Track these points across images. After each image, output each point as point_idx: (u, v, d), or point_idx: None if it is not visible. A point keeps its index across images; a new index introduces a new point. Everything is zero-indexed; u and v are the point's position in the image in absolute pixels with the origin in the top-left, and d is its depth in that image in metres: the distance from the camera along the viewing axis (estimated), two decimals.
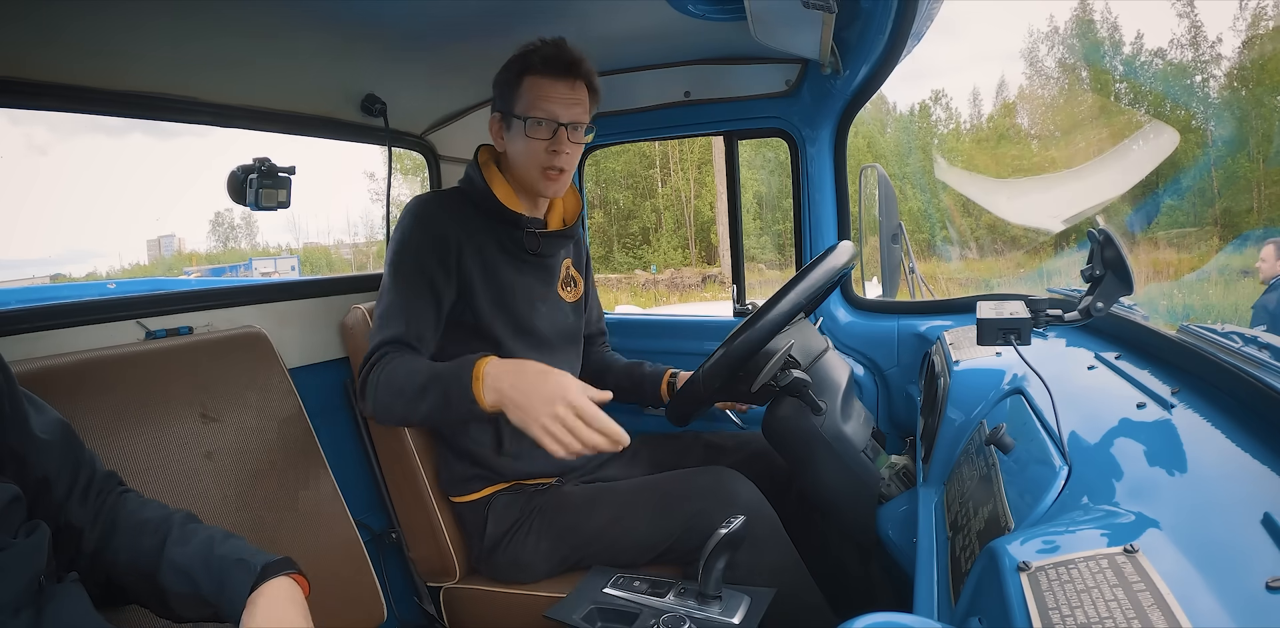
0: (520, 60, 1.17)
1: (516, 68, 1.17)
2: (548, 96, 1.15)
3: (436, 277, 1.15)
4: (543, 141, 1.17)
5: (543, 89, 1.15)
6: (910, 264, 1.76)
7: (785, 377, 1.07)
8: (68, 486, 0.75)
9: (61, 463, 0.75)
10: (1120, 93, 22.42)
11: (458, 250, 1.17)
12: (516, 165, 1.21)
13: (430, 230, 1.16)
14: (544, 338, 1.28)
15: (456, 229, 1.18)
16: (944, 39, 39.54)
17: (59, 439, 0.75)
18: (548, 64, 1.15)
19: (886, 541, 1.03)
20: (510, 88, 1.18)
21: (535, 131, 1.16)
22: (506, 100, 1.19)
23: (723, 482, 1.17)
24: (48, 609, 0.65)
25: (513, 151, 1.21)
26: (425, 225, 1.17)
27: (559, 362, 1.26)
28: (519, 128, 1.17)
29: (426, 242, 1.16)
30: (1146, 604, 0.38)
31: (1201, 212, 17.99)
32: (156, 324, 1.20)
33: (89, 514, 0.76)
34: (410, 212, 1.20)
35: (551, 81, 1.16)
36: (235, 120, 1.33)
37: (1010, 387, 0.92)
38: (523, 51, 1.17)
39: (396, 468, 1.35)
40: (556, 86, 1.16)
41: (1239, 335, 0.76)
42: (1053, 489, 0.60)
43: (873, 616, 0.45)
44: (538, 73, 1.16)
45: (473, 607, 1.31)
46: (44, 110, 1.07)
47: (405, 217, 1.19)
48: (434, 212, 1.19)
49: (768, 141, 1.98)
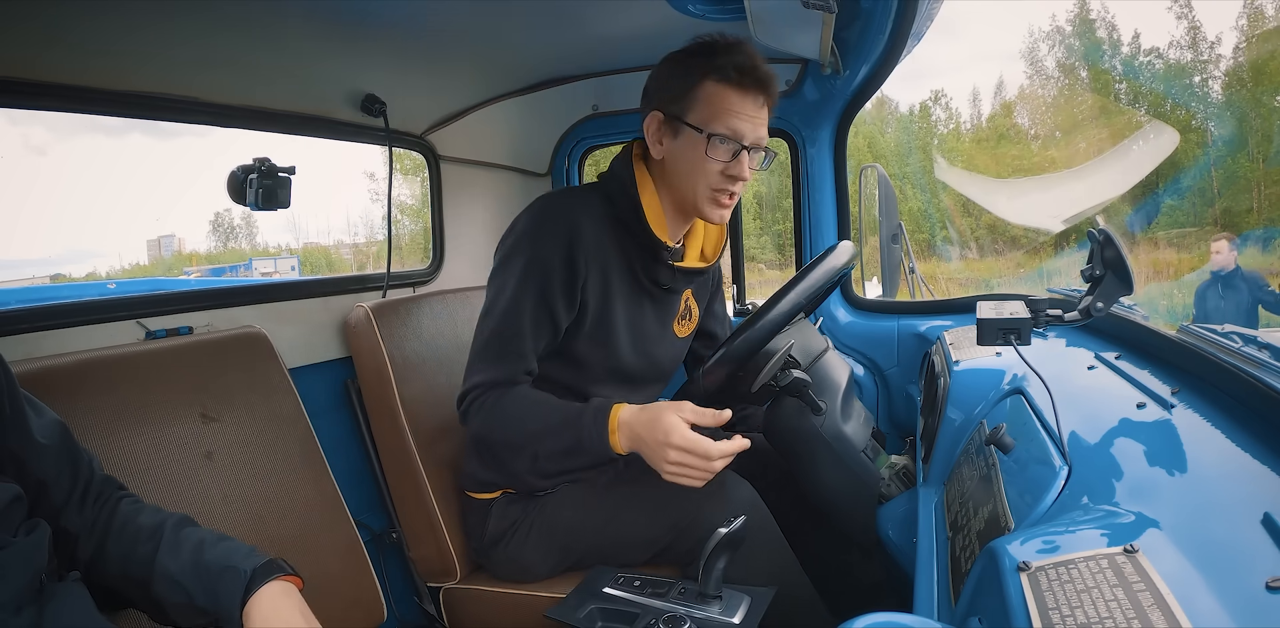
0: (704, 60, 1.02)
1: (698, 69, 1.03)
2: (736, 113, 1.02)
3: (559, 307, 1.06)
4: (721, 163, 1.03)
5: (730, 103, 1.02)
6: (910, 264, 1.77)
7: (785, 377, 1.07)
8: (66, 491, 0.75)
9: (59, 468, 0.75)
10: (1120, 93, 22.43)
11: (585, 276, 1.06)
12: (680, 180, 1.08)
13: (563, 249, 1.04)
14: (635, 377, 1.19)
15: (589, 247, 1.05)
16: (944, 39, 39.60)
17: (57, 443, 0.75)
18: (742, 75, 1.01)
19: (886, 541, 1.03)
20: (684, 89, 1.04)
21: (716, 151, 1.03)
22: (677, 103, 1.04)
23: (720, 482, 1.17)
24: (49, 608, 0.65)
25: (678, 164, 1.07)
26: (559, 241, 1.04)
27: (642, 397, 1.21)
28: (693, 140, 1.04)
29: (558, 263, 1.04)
30: (1146, 604, 0.38)
31: (1201, 212, 18.00)
32: (156, 324, 1.20)
33: (85, 522, 0.76)
34: (542, 219, 1.07)
35: (741, 96, 1.02)
36: (235, 120, 1.33)
37: (1010, 387, 0.92)
38: (706, 50, 1.03)
39: (397, 468, 1.35)
40: (745, 103, 1.02)
41: (1239, 335, 0.76)
42: (1053, 489, 0.60)
43: (873, 616, 0.45)
44: (728, 82, 1.02)
45: (473, 607, 1.31)
46: (44, 110, 1.07)
47: (537, 223, 1.07)
48: (570, 224, 1.05)
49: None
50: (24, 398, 0.74)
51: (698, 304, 1.29)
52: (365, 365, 1.35)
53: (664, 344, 1.22)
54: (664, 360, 1.23)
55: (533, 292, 1.04)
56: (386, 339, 1.32)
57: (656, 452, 0.97)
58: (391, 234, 1.71)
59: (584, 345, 1.12)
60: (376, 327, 1.32)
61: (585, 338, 1.11)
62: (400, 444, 1.32)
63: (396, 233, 13.15)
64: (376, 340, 1.32)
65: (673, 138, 1.07)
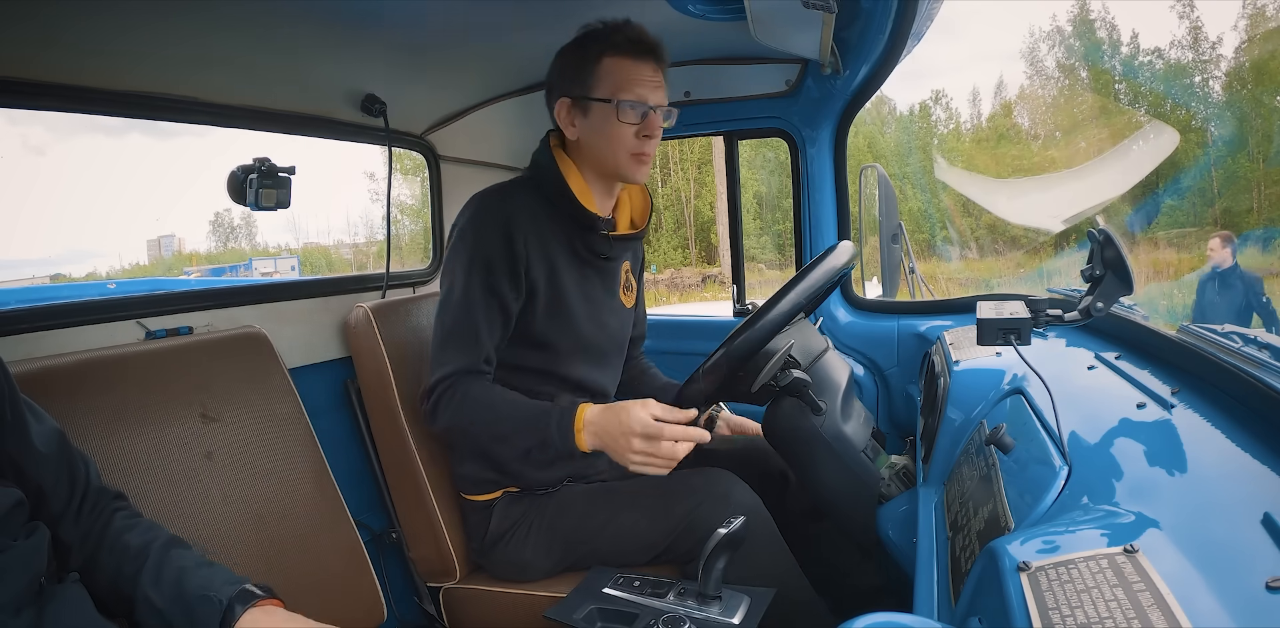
0: (596, 41, 1.11)
1: (593, 48, 1.11)
2: (637, 79, 1.11)
3: (507, 293, 1.12)
4: (633, 126, 1.12)
5: (629, 71, 1.11)
6: (910, 264, 1.77)
7: (785, 377, 1.07)
8: (64, 501, 0.75)
9: (57, 476, 0.75)
10: (1120, 93, 22.43)
11: (526, 259, 1.13)
12: (599, 152, 1.16)
13: (500, 238, 1.11)
14: (599, 350, 1.26)
15: (525, 233, 1.13)
16: (944, 39, 39.50)
17: (55, 451, 0.75)
18: (634, 45, 1.11)
19: (886, 541, 1.03)
20: (584, 70, 1.12)
21: (627, 116, 1.11)
22: (580, 83, 1.12)
23: (718, 482, 1.17)
24: (48, 609, 0.65)
25: (593, 138, 1.15)
26: (496, 232, 1.11)
27: (610, 371, 1.31)
28: (604, 112, 1.12)
29: (498, 252, 1.11)
30: (1146, 604, 0.38)
31: (1201, 212, 17.99)
32: (156, 324, 1.20)
33: (79, 533, 0.76)
34: (477, 214, 1.14)
35: (637, 63, 1.11)
36: (235, 120, 1.33)
37: (1010, 387, 0.92)
38: (597, 33, 1.12)
39: (397, 468, 1.35)
40: (643, 69, 1.12)
41: (1239, 335, 0.76)
42: (1053, 489, 0.60)
43: (873, 616, 0.45)
44: (622, 53, 1.11)
45: (473, 607, 1.31)
46: (44, 110, 1.07)
47: (472, 219, 1.14)
48: (504, 215, 1.13)
49: (768, 141, 1.98)
50: (25, 404, 0.74)
51: (635, 277, 1.38)
52: (365, 366, 1.35)
53: (616, 314, 1.29)
54: (618, 331, 1.30)
55: (479, 282, 1.11)
56: (386, 339, 1.32)
57: (620, 442, 1.01)
58: (391, 234, 1.71)
59: (544, 324, 1.17)
60: (376, 327, 1.32)
61: (543, 316, 1.17)
62: (400, 444, 1.32)
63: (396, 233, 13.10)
64: (376, 341, 1.32)
65: (584, 116, 1.15)
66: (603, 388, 1.29)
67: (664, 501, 1.17)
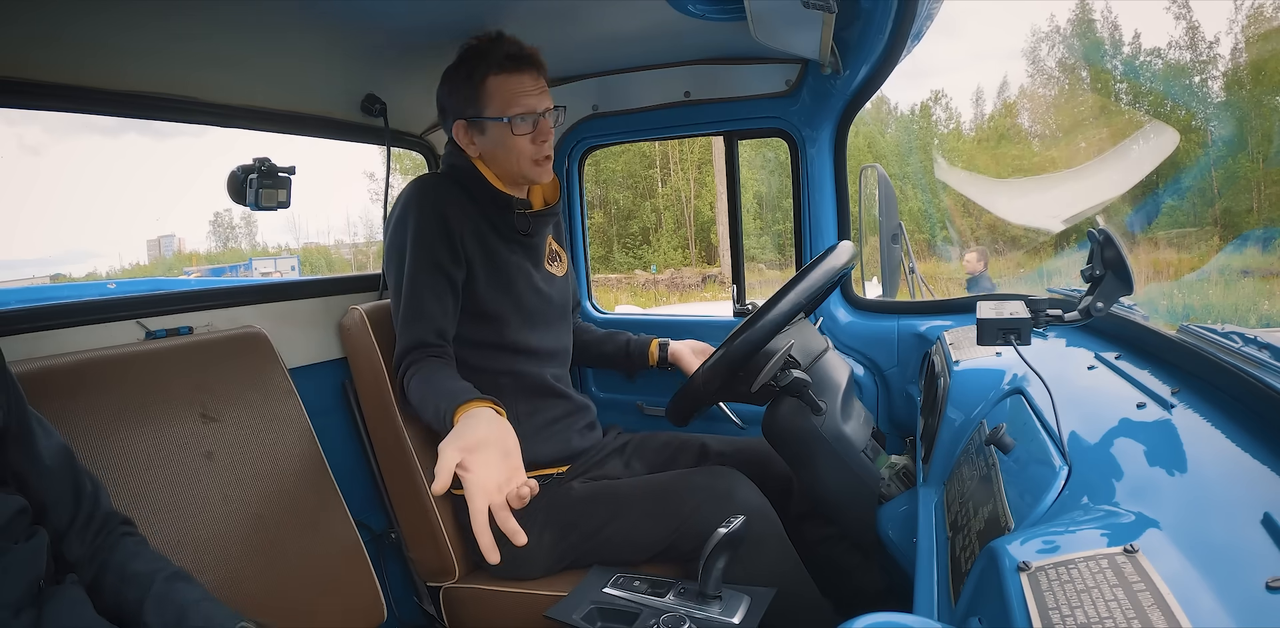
0: (471, 64, 1.18)
1: (477, 69, 1.18)
2: (521, 92, 1.18)
3: (449, 267, 1.19)
4: (528, 135, 1.20)
5: (513, 86, 1.18)
6: (910, 264, 1.76)
7: (785, 377, 1.07)
8: (68, 518, 0.75)
9: (60, 492, 0.74)
10: (1120, 93, 22.42)
11: (460, 235, 1.20)
12: (502, 163, 1.24)
13: (436, 218, 1.18)
14: (543, 316, 1.32)
15: (456, 213, 1.20)
16: (944, 39, 39.50)
17: (60, 466, 0.75)
18: (513, 61, 1.17)
19: (886, 541, 1.03)
20: (472, 92, 1.19)
21: (520, 129, 1.19)
22: (472, 105, 1.20)
23: (722, 481, 1.17)
24: (48, 609, 0.66)
25: (495, 152, 1.23)
26: (431, 213, 1.19)
27: (558, 337, 1.37)
28: (499, 129, 1.20)
29: (435, 231, 1.18)
30: (1146, 604, 0.38)
31: (1201, 212, 17.97)
32: (156, 324, 1.20)
33: (85, 553, 0.75)
34: (413, 199, 1.20)
35: (519, 77, 1.18)
36: (235, 120, 1.33)
37: (1010, 387, 0.92)
38: (475, 53, 1.18)
39: (394, 468, 1.35)
40: (524, 81, 1.18)
41: (1239, 335, 0.76)
42: (1053, 489, 0.60)
43: (873, 616, 0.45)
44: (504, 70, 1.17)
45: (473, 607, 1.31)
46: (43, 110, 1.07)
47: (410, 205, 1.20)
48: (437, 197, 1.20)
49: (768, 142, 1.97)
50: (33, 418, 0.74)
51: (562, 248, 1.46)
52: (360, 366, 1.35)
53: (550, 282, 1.35)
54: (557, 298, 1.37)
55: (424, 259, 1.18)
56: (381, 340, 1.32)
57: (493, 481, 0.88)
58: None
59: (488, 295, 1.24)
60: (370, 328, 1.32)
61: (486, 287, 1.23)
62: (397, 445, 1.31)
63: None
64: (371, 342, 1.31)
65: (481, 134, 1.22)
66: (552, 350, 1.35)
67: (666, 499, 1.17)
